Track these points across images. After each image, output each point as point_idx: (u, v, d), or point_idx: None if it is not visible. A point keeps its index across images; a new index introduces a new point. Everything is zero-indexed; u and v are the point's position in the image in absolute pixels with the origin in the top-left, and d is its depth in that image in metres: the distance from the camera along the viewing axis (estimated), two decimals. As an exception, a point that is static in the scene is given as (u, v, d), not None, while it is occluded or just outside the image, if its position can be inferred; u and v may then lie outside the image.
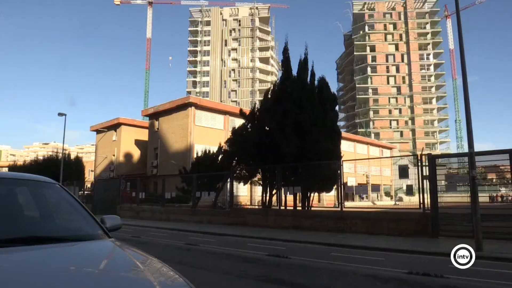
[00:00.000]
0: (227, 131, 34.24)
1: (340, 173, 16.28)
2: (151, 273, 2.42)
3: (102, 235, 3.04)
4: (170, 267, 2.53)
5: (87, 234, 3.02)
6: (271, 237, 13.80)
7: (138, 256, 2.81)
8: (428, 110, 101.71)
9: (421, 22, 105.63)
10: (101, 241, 2.94)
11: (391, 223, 14.01)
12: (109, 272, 2.44)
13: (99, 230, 3.10)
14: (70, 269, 2.35)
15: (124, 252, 2.81)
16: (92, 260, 2.56)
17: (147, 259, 2.75)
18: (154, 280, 2.22)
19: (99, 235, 3.02)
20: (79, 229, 3.14)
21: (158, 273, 2.50)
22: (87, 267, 2.39)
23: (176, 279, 2.35)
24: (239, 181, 20.81)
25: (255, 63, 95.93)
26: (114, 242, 2.95)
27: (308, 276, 7.47)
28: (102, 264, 2.60)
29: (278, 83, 20.62)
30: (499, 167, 14.38)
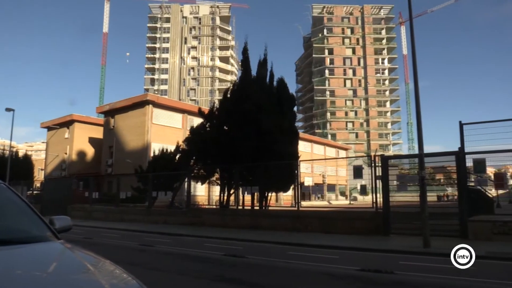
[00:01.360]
0: (185, 130, 33.84)
1: (297, 173, 16.54)
2: (102, 276, 2.36)
3: (51, 237, 2.91)
4: (122, 269, 2.48)
5: (34, 236, 2.89)
6: (228, 237, 13.78)
7: (89, 258, 2.73)
8: (382, 112, 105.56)
9: (377, 28, 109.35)
10: (49, 243, 2.82)
11: (345, 222, 14.40)
12: (57, 276, 2.33)
13: (47, 231, 2.97)
14: (15, 273, 2.23)
15: (74, 254, 2.71)
16: (39, 263, 2.45)
17: (98, 261, 2.67)
18: (106, 283, 2.16)
19: (47, 237, 2.89)
20: (26, 231, 2.99)
21: (110, 275, 2.43)
22: (34, 271, 2.29)
23: (129, 281, 2.30)
24: (197, 180, 20.63)
25: (215, 62, 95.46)
26: (63, 244, 2.84)
27: (265, 276, 7.54)
28: (50, 267, 2.49)
29: (237, 83, 20.64)
30: (446, 168, 15.12)
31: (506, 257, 8.97)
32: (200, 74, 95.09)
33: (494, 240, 11.31)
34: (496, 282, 6.75)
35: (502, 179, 13.51)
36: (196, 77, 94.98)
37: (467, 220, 11.94)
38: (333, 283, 6.85)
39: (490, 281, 6.87)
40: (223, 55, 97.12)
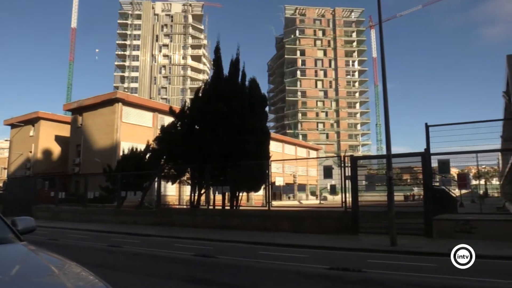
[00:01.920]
0: (156, 129, 33.37)
1: (268, 173, 16.63)
2: (68, 278, 2.30)
3: (13, 239, 2.82)
4: (89, 271, 2.43)
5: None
6: (199, 237, 13.71)
7: (54, 260, 2.65)
8: (352, 114, 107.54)
9: (348, 30, 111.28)
10: (11, 245, 2.73)
11: (315, 222, 14.59)
12: (21, 279, 2.26)
13: (9, 233, 2.87)
14: (-25, 276, 2.15)
15: (38, 256, 2.63)
16: (1, 266, 2.37)
17: (64, 263, 2.61)
18: (72, 286, 2.11)
19: (9, 239, 2.79)
20: (-14, 232, 2.88)
21: (76, 277, 2.38)
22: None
23: (95, 283, 2.26)
24: (167, 180, 20.39)
25: (187, 60, 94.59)
26: (26, 245, 2.75)
27: (235, 275, 7.55)
28: (13, 270, 2.41)
29: (209, 82, 20.54)
30: (413, 169, 15.53)
31: (467, 254, 9.31)
32: (172, 73, 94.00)
33: (456, 238, 11.74)
34: (459, 278, 7.01)
35: (465, 179, 14.04)
36: (168, 75, 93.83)
37: (432, 219, 12.35)
38: (302, 282, 6.93)
39: (453, 277, 7.13)
40: (195, 53, 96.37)
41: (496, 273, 7.41)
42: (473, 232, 11.70)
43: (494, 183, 57.06)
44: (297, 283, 6.89)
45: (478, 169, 17.32)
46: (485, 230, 11.58)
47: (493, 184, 57.46)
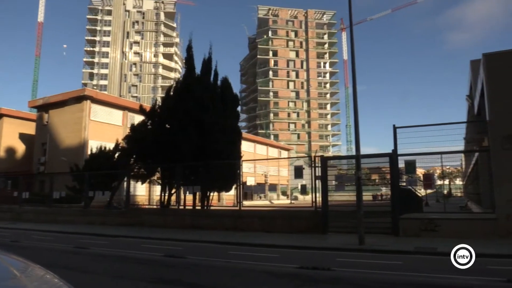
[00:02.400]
0: (126, 128, 32.73)
1: (240, 172, 16.62)
2: (31, 282, 2.22)
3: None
4: (53, 274, 2.35)
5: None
6: (169, 238, 13.55)
7: (16, 263, 2.56)
8: (323, 115, 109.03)
9: (320, 32, 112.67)
10: (-31, 248, 2.61)
11: (286, 221, 14.70)
12: (-22, 283, 2.17)
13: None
14: None
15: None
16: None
17: (27, 266, 2.51)
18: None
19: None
20: None
21: (40, 281, 2.30)
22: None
23: (60, 286, 2.18)
24: (137, 180, 20.05)
25: (159, 58, 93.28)
26: (-14, 248, 2.63)
27: (205, 276, 7.50)
28: (-31, 273, 2.30)
29: (181, 81, 20.34)
30: (381, 169, 15.88)
31: (431, 252, 9.64)
32: (143, 70, 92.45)
33: (422, 236, 12.12)
34: (423, 275, 7.23)
35: (430, 180, 14.49)
36: (138, 73, 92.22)
37: (399, 218, 12.68)
38: (272, 281, 6.97)
39: (418, 274, 7.36)
40: (167, 51, 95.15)
41: (461, 270, 7.66)
42: (437, 231, 12.10)
43: (458, 183, 59.21)
44: (268, 282, 6.92)
45: (443, 169, 17.89)
46: (448, 229, 12.00)
47: (457, 184, 59.61)
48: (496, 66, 12.52)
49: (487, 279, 6.76)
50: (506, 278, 6.41)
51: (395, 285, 6.45)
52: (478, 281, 6.60)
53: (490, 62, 12.61)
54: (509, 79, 12.16)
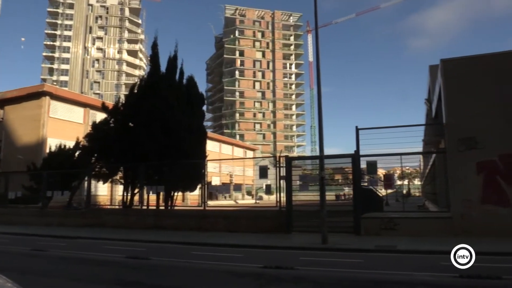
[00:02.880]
0: (87, 126, 31.73)
1: (205, 172, 16.52)
2: (-20, 286, 2.12)
3: None
4: (7, 278, 2.25)
5: None
6: (131, 238, 13.27)
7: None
8: (288, 115, 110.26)
9: (286, 34, 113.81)
10: None
11: (250, 221, 14.73)
12: None
13: None
14: None
15: None
16: None
17: (-24, 270, 2.40)
18: (-16, 294, 1.95)
19: None
20: None
21: (-10, 285, 2.20)
22: None
23: (12, 290, 2.10)
24: (98, 179, 19.50)
25: (122, 55, 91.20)
26: None
27: (168, 277, 7.41)
28: None
29: (145, 78, 19.97)
30: (344, 169, 16.22)
31: (391, 249, 9.95)
32: (106, 67, 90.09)
33: (382, 235, 12.48)
34: (383, 272, 7.46)
35: (391, 180, 14.97)
36: (101, 69, 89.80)
37: (360, 217, 13.00)
38: (236, 281, 6.97)
39: (378, 271, 7.58)
40: (131, 48, 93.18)
41: (418, 266, 7.97)
42: (396, 229, 12.50)
43: (416, 183, 61.45)
44: (231, 282, 6.91)
45: (402, 170, 18.51)
46: (407, 227, 12.43)
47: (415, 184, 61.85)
48: (453, 71, 13.08)
49: (441, 275, 7.05)
50: (459, 273, 6.71)
51: (356, 282, 6.61)
52: (433, 277, 6.87)
53: (447, 67, 13.16)
54: (465, 85, 12.73)
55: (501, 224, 11.34)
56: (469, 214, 11.78)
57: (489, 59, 12.81)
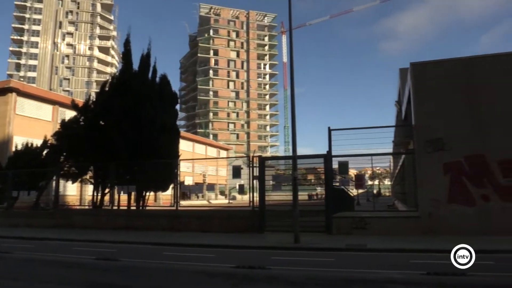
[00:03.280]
0: (56, 124, 30.87)
1: (177, 172, 16.37)
2: None
3: None
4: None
5: None
6: (101, 239, 12.99)
7: None
8: (262, 115, 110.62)
9: (260, 34, 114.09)
10: None
11: (223, 221, 14.71)
12: None
13: None
14: None
15: None
16: None
17: None
18: None
19: None
20: None
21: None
22: None
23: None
24: (67, 179, 18.99)
25: (94, 51, 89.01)
26: None
27: (139, 278, 7.31)
28: None
29: (117, 76, 19.59)
30: (316, 169, 16.44)
31: (361, 248, 10.15)
32: (76, 63, 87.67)
33: (353, 234, 12.72)
34: (354, 271, 7.60)
35: (362, 180, 15.26)
36: (71, 66, 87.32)
37: (332, 217, 13.20)
38: (208, 281, 6.94)
39: (349, 270, 7.72)
40: (103, 45, 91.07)
41: (387, 264, 8.17)
42: (367, 228, 12.76)
43: (386, 183, 62.83)
44: (203, 282, 6.88)
45: (373, 170, 18.92)
46: (377, 226, 12.71)
47: (386, 184, 63.22)
48: (422, 74, 13.48)
49: (410, 272, 7.26)
50: (426, 271, 6.92)
51: (327, 281, 6.70)
52: (401, 274, 7.06)
53: (417, 70, 13.55)
54: (433, 88, 13.14)
55: (466, 223, 11.78)
56: (436, 213, 12.17)
57: (456, 63, 13.28)
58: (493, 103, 12.33)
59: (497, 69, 12.63)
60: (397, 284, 6.31)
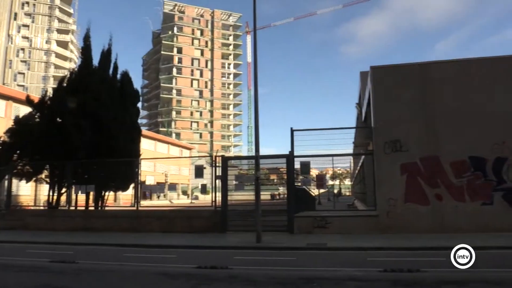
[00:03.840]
0: (9, 120, 29.42)
1: (138, 171, 16.05)
2: None
3: None
4: None
5: None
6: (57, 241, 12.52)
7: None
8: (225, 115, 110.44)
9: (225, 33, 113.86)
10: None
11: (185, 221, 14.56)
12: None
13: None
14: None
15: None
16: None
17: None
18: None
19: None
20: None
21: None
22: None
23: None
24: (21, 178, 18.12)
25: (51, 45, 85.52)
26: None
27: (97, 280, 7.10)
28: None
29: (76, 72, 18.95)
30: (279, 169, 16.57)
31: (322, 247, 10.36)
32: (32, 57, 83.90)
33: (314, 233, 12.94)
34: (314, 269, 7.73)
35: (323, 180, 15.56)
36: (27, 59, 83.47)
37: (294, 216, 13.37)
38: (169, 282, 6.85)
39: (309, 268, 7.85)
40: (61, 39, 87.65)
41: (347, 262, 8.37)
42: (327, 227, 13.03)
43: (347, 183, 64.40)
44: (164, 284, 6.78)
45: (334, 170, 19.34)
46: (337, 225, 13.00)
47: (346, 184, 64.79)
48: (381, 78, 13.93)
49: (368, 269, 7.48)
50: (383, 268, 7.16)
51: (288, 279, 6.78)
52: (359, 271, 7.26)
53: (376, 74, 13.98)
54: (391, 91, 13.59)
55: (421, 221, 12.29)
56: (393, 212, 12.60)
57: (412, 68, 13.81)
58: (444, 106, 12.92)
59: (449, 75, 13.27)
60: (356, 281, 6.48)
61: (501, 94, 12.62)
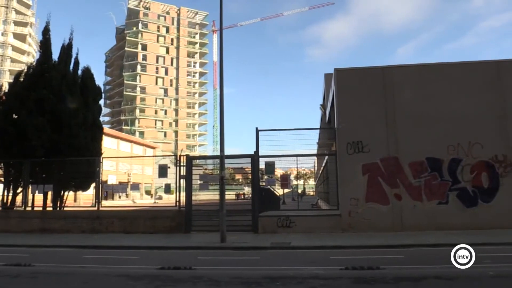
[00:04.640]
0: (-40, 116, 27.87)
1: (99, 170, 15.62)
2: None
3: None
4: None
5: None
6: (12, 243, 11.97)
7: None
8: (191, 114, 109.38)
9: (191, 32, 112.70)
10: None
11: (148, 221, 14.31)
12: None
13: None
14: None
15: None
16: None
17: None
18: None
19: None
20: None
21: None
22: None
23: None
24: (-27, 177, 17.25)
25: (8, 38, 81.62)
26: None
27: (55, 284, 6.86)
28: None
29: (34, 66, 18.17)
30: (244, 169, 16.63)
31: (286, 246, 10.47)
32: (-14, 50, 79.89)
33: (278, 232, 13.06)
34: (278, 268, 7.81)
35: (287, 180, 15.71)
36: (-20, 53, 79.40)
37: (258, 216, 13.45)
38: (131, 284, 6.70)
39: (273, 267, 7.93)
40: (19, 31, 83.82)
41: (309, 261, 8.50)
42: (291, 227, 13.19)
43: (311, 183, 65.41)
44: (126, 286, 6.63)
45: (298, 170, 19.59)
46: (301, 224, 13.18)
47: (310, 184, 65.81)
48: (345, 80, 14.24)
49: (330, 268, 7.65)
50: (345, 266, 7.33)
51: (252, 279, 6.80)
52: (322, 270, 7.40)
53: (340, 76, 14.28)
54: (354, 93, 13.94)
55: (382, 220, 12.68)
56: (355, 211, 12.92)
57: (375, 71, 14.24)
58: (404, 109, 13.39)
59: (409, 79, 13.79)
60: (318, 279, 6.59)
61: (456, 98, 13.22)
